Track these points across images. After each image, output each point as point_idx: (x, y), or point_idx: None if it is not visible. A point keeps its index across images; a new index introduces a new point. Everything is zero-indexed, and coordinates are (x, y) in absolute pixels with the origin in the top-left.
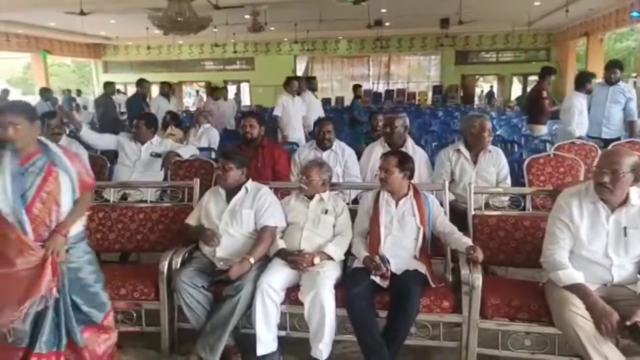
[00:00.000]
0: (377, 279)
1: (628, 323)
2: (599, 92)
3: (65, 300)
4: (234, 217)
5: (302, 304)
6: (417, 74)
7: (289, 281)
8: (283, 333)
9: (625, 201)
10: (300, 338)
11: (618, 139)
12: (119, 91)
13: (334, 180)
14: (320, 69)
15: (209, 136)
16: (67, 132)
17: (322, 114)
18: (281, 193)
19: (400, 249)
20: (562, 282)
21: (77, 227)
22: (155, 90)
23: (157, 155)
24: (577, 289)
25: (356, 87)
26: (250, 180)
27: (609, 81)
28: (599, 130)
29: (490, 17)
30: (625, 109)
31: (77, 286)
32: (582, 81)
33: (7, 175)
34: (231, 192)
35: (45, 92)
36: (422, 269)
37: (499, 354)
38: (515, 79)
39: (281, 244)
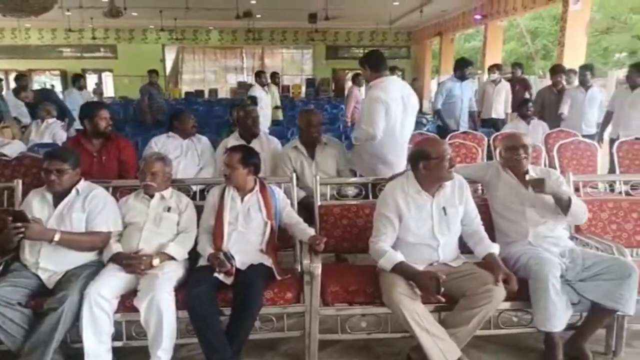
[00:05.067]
0: (221, 276)
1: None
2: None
3: None
4: (62, 223)
5: (138, 311)
6: (291, 67)
7: (123, 287)
8: (120, 344)
9: (440, 184)
10: (139, 347)
11: None
12: None
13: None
14: (192, 60)
15: (53, 131)
16: None
17: None
18: (121, 192)
19: (245, 244)
20: (387, 268)
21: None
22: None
23: None
24: (400, 268)
25: None
26: (82, 180)
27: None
28: None
29: (355, 14)
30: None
31: None
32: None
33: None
34: (59, 195)
35: None
36: (268, 262)
37: (339, 338)
38: None
39: (117, 247)
